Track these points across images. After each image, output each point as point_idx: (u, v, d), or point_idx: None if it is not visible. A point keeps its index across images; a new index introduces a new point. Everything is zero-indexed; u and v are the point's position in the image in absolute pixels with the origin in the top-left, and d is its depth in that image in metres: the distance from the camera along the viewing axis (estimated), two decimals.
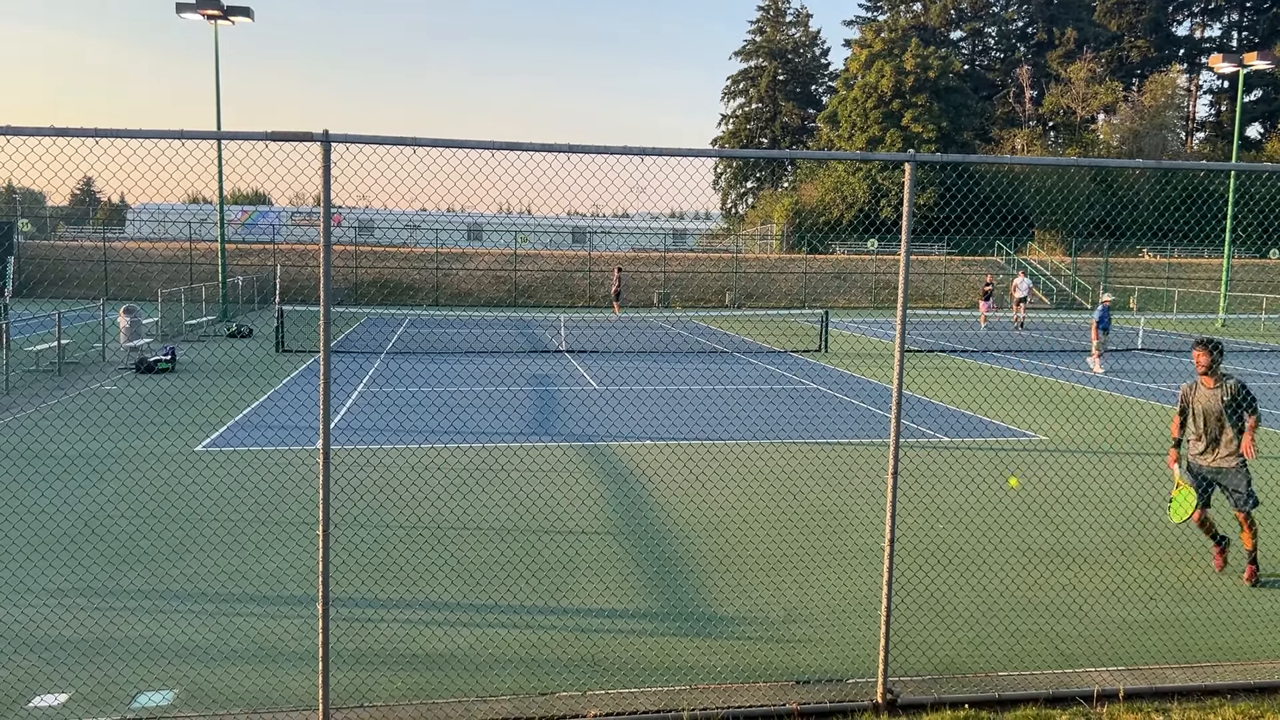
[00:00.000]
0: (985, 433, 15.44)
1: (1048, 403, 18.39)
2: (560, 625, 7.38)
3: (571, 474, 11.93)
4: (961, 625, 7.50)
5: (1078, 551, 9.38)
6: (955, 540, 9.59)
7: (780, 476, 12.02)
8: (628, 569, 8.62)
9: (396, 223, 69.87)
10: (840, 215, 69.41)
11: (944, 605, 7.88)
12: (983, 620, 7.60)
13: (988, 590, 8.21)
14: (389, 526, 9.75)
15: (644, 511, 10.53)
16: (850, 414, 16.75)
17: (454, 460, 12.67)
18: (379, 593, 7.93)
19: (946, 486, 11.65)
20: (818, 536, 9.61)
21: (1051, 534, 9.88)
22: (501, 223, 79.59)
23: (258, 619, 7.32)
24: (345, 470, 11.92)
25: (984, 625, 7.50)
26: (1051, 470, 12.57)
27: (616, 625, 7.40)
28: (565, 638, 7.15)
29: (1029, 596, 8.13)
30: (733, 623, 7.47)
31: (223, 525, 9.70)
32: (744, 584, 8.28)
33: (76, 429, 13.63)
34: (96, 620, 7.24)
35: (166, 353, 21.55)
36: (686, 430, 14.98)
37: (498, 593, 7.99)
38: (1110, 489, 11.76)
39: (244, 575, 8.28)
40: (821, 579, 8.38)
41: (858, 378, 21.96)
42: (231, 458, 12.67)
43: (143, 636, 6.96)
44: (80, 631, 7.05)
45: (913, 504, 10.81)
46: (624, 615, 7.59)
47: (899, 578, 8.27)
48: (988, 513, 10.53)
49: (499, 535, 9.55)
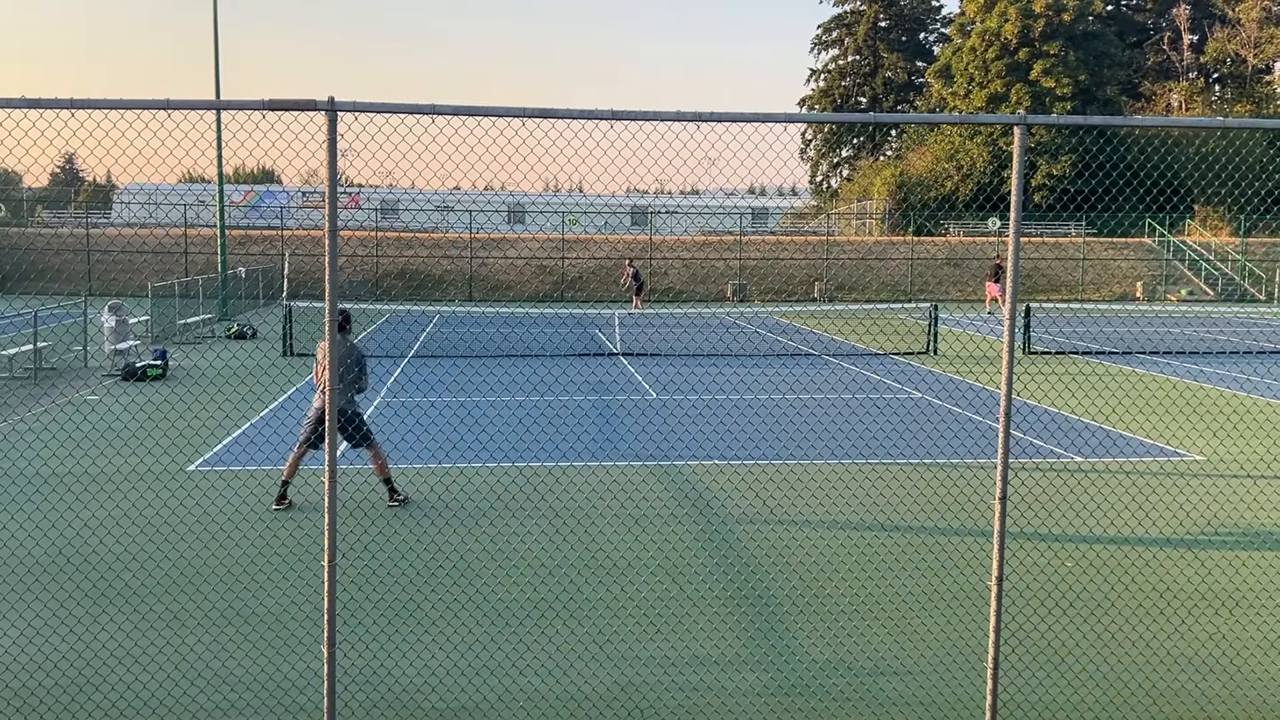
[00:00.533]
0: (1128, 452, 15.24)
1: (1207, 416, 18.08)
2: (604, 676, 7.50)
3: (622, 500, 12.06)
4: (1086, 682, 7.47)
5: (1230, 595, 9.25)
6: (1081, 581, 9.52)
7: (872, 503, 12.01)
8: (686, 610, 8.72)
9: (428, 204, 70.84)
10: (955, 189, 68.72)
11: (1065, 658, 7.84)
12: (1112, 676, 7.56)
13: (1119, 641, 8.15)
14: (407, 559, 9.97)
15: (707, 544, 10.61)
16: (961, 429, 16.65)
17: (484, 483, 12.89)
18: (394, 636, 8.13)
19: (1073, 516, 11.55)
20: (915, 575, 9.61)
21: (1198, 574, 9.75)
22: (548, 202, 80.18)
23: (255, 665, 7.56)
24: (358, 493, 12.20)
25: (1114, 682, 7.46)
26: (1205, 498, 12.38)
27: (672, 677, 7.50)
28: (610, 690, 7.28)
29: (1169, 648, 8.05)
30: (812, 676, 7.52)
31: (217, 557, 10.00)
32: (826, 630, 8.32)
33: (53, 445, 14.12)
34: (72, 663, 7.54)
35: (157, 357, 22.17)
36: (761, 449, 15.02)
37: (531, 637, 8.14)
38: (1277, 521, 11.55)
39: (241, 616, 8.55)
40: (918, 625, 8.39)
41: (972, 385, 21.79)
42: (229, 479, 13.04)
43: (124, 683, 7.23)
44: (55, 677, 7.34)
45: (1032, 537, 10.75)
46: (681, 665, 7.69)
47: (1010, 624, 8.25)
48: (1121, 549, 10.42)
49: (535, 570, 9.71)
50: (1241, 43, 72.92)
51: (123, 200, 76.35)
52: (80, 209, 75.61)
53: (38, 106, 5.82)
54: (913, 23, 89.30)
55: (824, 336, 32.76)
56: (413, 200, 75.84)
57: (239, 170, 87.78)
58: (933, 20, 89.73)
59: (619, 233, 63.60)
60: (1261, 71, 74.95)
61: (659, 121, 6.30)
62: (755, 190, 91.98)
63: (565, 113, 6.15)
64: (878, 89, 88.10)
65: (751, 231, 66.78)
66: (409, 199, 76.69)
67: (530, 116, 6.16)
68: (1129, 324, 37.58)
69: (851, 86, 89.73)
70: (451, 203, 71.15)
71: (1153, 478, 13.55)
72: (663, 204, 77.94)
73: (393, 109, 6.01)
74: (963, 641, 8.08)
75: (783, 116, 6.50)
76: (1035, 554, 10.22)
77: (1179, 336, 33.16)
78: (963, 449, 15.08)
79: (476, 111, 6.06)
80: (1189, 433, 16.58)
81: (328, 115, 5.92)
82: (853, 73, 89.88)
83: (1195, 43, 77.11)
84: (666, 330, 33.65)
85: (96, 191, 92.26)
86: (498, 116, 6.16)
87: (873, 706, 7.08)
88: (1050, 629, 8.30)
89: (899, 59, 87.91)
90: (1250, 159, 63.78)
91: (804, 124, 73.67)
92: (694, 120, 6.27)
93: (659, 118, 6.24)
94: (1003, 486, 6.44)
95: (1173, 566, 9.96)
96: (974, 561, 10.00)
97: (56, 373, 22.34)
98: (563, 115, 6.18)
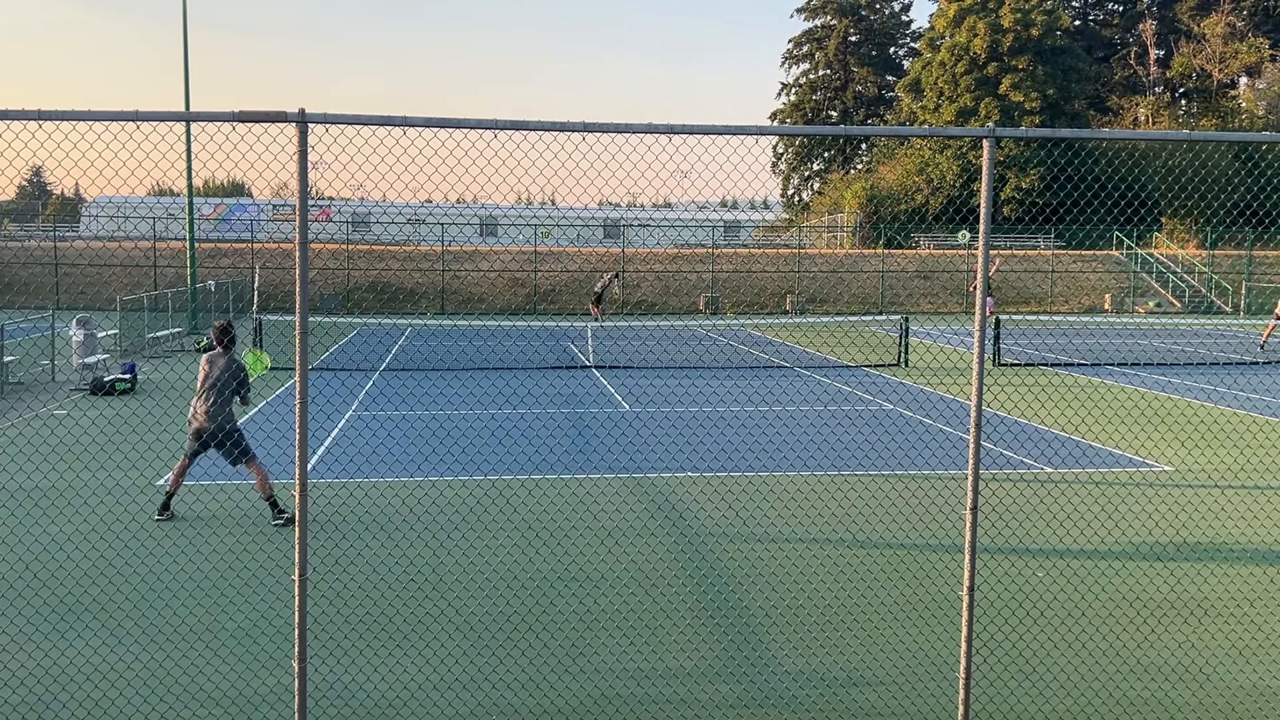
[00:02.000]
0: (1098, 462, 15.36)
1: (1175, 426, 18.24)
2: (578, 690, 7.48)
3: (596, 512, 12.05)
4: (1058, 691, 7.51)
5: (1199, 604, 9.33)
6: (1052, 590, 9.57)
7: (844, 515, 12.05)
8: (659, 624, 8.71)
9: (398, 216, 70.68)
10: (925, 202, 69.18)
11: (1036, 668, 7.88)
12: (1083, 685, 7.60)
13: (1090, 650, 8.20)
14: (378, 573, 9.92)
15: (680, 556, 10.61)
16: (933, 440, 16.73)
17: (456, 496, 12.85)
18: (366, 651, 8.09)
19: (1044, 527, 11.61)
20: (887, 586, 9.64)
21: (1167, 583, 9.83)
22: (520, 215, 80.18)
23: (226, 681, 7.50)
24: (328, 507, 12.13)
25: (1085, 691, 7.50)
26: (1174, 508, 12.48)
27: (646, 690, 7.49)
28: (584, 704, 7.26)
29: (1139, 657, 8.11)
30: (785, 688, 7.53)
31: (186, 572, 9.92)
32: (800, 641, 8.33)
33: (19, 459, 13.98)
34: (39, 680, 7.45)
35: (126, 371, 22.00)
36: (734, 460, 15.05)
37: (505, 651, 8.11)
38: (1244, 530, 11.67)
39: (211, 630, 8.48)
40: (890, 635, 8.42)
41: (944, 396, 21.91)
42: (198, 493, 12.94)
43: (92, 699, 7.15)
44: (21, 694, 7.26)
45: (1002, 547, 10.80)
46: (655, 678, 7.68)
47: (982, 634, 8.29)
48: (1091, 558, 10.49)
49: (508, 584, 9.68)
50: (1207, 58, 73.83)
51: (91, 213, 75.80)
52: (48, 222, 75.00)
53: (5, 118, 5.77)
54: (883, 37, 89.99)
55: (796, 349, 32.86)
56: (384, 213, 75.64)
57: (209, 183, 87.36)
58: (903, 35, 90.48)
59: (592, 245, 63.65)
60: (1226, 86, 75.94)
61: (631, 134, 6.32)
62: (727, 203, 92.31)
63: (538, 125, 6.16)
64: (848, 103, 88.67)
65: (724, 244, 66.98)
66: (380, 211, 76.50)
67: (502, 128, 6.16)
68: (1097, 335, 37.90)
69: (822, 100, 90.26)
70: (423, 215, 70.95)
71: (1122, 488, 13.65)
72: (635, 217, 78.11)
73: (364, 120, 6.00)
74: (935, 652, 8.11)
75: (754, 129, 6.53)
76: (1006, 564, 10.26)
77: (1147, 348, 33.46)
78: (934, 460, 15.15)
79: (449, 123, 6.06)
80: (1157, 443, 16.72)
81: (298, 127, 5.90)
82: (824, 87, 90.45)
83: (1161, 58, 78.02)
84: (640, 342, 33.68)
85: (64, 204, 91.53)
86: (470, 128, 6.16)
87: (846, 718, 7.09)
88: (1022, 638, 8.34)
89: (869, 73, 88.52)
90: (1216, 172, 64.51)
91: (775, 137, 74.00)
92: (666, 133, 6.29)
93: (631, 130, 6.25)
94: (973, 497, 6.47)
95: (1142, 576, 10.04)
96: (945, 572, 10.04)
97: (24, 387, 22.12)
98: (535, 127, 6.19)
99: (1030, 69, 69.47)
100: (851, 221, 69.48)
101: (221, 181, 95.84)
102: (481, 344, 32.98)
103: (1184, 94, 78.65)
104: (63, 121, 5.83)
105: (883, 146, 77.86)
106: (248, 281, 44.50)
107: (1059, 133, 6.64)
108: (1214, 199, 63.59)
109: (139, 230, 59.00)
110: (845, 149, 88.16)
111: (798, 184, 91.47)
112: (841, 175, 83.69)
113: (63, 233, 63.10)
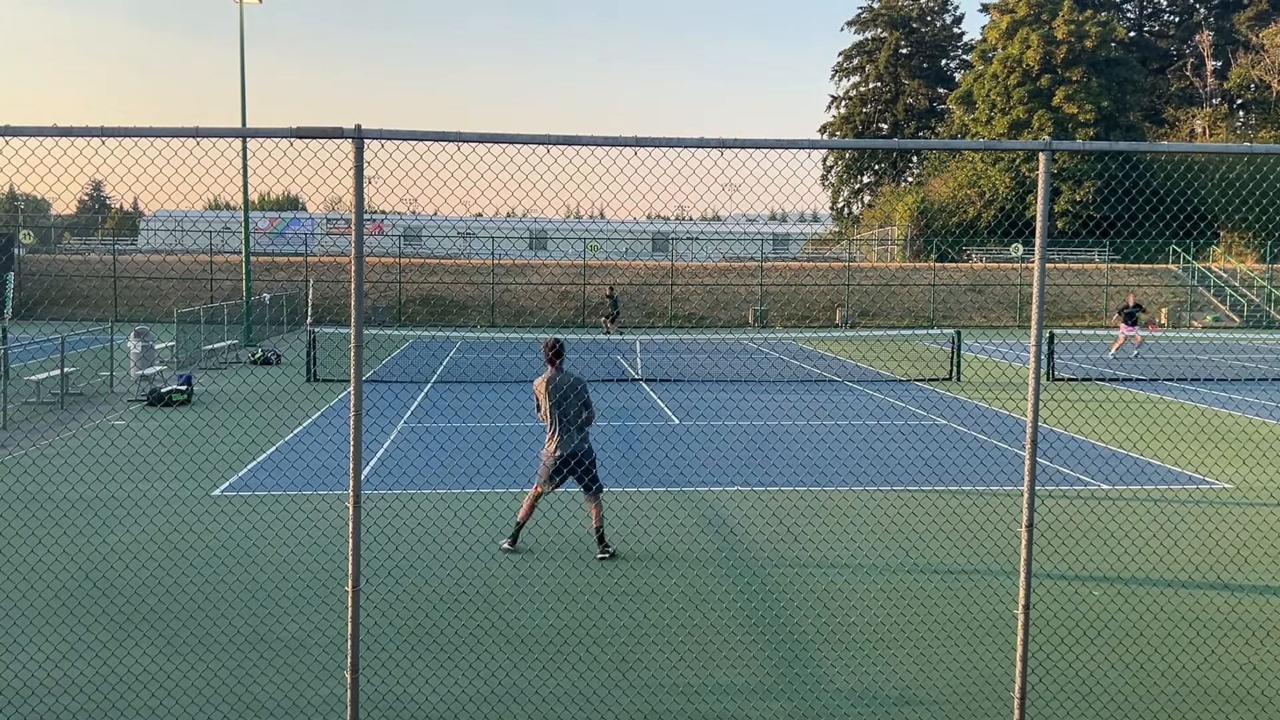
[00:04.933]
0: (1155, 479, 15.12)
1: (1235, 443, 17.92)
2: (627, 704, 7.46)
3: (645, 526, 12.04)
4: (1115, 713, 7.38)
5: (1260, 625, 9.15)
6: (1109, 609, 9.43)
7: (896, 531, 11.95)
8: (709, 639, 8.68)
9: (451, 230, 71.24)
10: (977, 215, 68.62)
11: (1093, 688, 7.76)
12: (1140, 707, 7.47)
13: (1148, 671, 8.06)
14: (430, 585, 9.97)
15: (730, 571, 10.57)
16: (985, 456, 16.56)
17: (507, 508, 12.89)
18: (417, 662, 8.12)
19: (1100, 545, 11.45)
20: (940, 603, 9.54)
21: (1228, 604, 9.65)
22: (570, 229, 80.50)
23: (279, 690, 7.56)
24: (381, 518, 12.22)
25: (1143, 714, 7.37)
26: (1235, 526, 12.27)
27: (696, 706, 7.46)
28: (633, 719, 7.24)
29: (1199, 679, 7.96)
30: (837, 705, 7.46)
31: (241, 582, 10.03)
32: (850, 659, 8.26)
33: (79, 470, 14.21)
34: (98, 687, 7.56)
35: (182, 382, 22.33)
36: (784, 475, 14.97)
37: (554, 664, 8.12)
38: None
39: (265, 640, 8.56)
40: (944, 654, 8.33)
41: (996, 411, 21.68)
42: (254, 503, 13.08)
43: (149, 707, 7.24)
44: (80, 701, 7.37)
45: (1058, 565, 10.66)
46: (705, 693, 7.65)
47: (1037, 654, 8.17)
48: (1148, 577, 10.32)
49: (558, 597, 9.69)
50: (1266, 68, 72.67)
51: (150, 227, 77.05)
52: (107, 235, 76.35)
53: (69, 135, 5.89)
54: (934, 49, 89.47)
55: (846, 362, 32.68)
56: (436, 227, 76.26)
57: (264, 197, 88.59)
58: (954, 47, 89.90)
59: (641, 259, 63.74)
60: None
61: (681, 148, 6.33)
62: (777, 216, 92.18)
63: (589, 140, 6.18)
64: (899, 115, 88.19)
65: (773, 257, 66.80)
66: (432, 225, 77.13)
67: (555, 144, 6.19)
68: (1154, 350, 37.35)
69: (873, 113, 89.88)
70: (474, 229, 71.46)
71: (1180, 506, 13.43)
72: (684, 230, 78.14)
73: (419, 136, 6.05)
74: (989, 671, 8.01)
75: (805, 143, 6.51)
76: (1062, 582, 10.13)
77: (1205, 363, 32.92)
78: (988, 476, 14.98)
79: (502, 139, 6.10)
80: (1216, 460, 16.44)
81: (354, 143, 5.97)
82: (874, 99, 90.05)
83: (1219, 69, 76.93)
84: (689, 356, 33.64)
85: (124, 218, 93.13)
86: (523, 144, 6.20)
87: None
88: (1078, 659, 8.22)
89: (920, 85, 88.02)
90: (1277, 184, 63.36)
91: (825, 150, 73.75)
92: (718, 147, 6.29)
93: (683, 144, 6.26)
94: (1029, 514, 6.40)
95: (1201, 595, 9.86)
96: (1000, 590, 9.92)
97: (83, 398, 22.51)
98: (587, 142, 6.22)
99: (1085, 81, 68.80)
100: (902, 234, 69.09)
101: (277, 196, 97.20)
102: (531, 357, 33.09)
103: (1242, 105, 77.45)
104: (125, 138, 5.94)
105: (933, 159, 77.42)
106: (302, 294, 45.03)
107: (1116, 145, 6.56)
108: (1274, 211, 62.47)
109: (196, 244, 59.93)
110: (896, 162, 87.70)
111: (848, 196, 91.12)
112: (892, 188, 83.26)
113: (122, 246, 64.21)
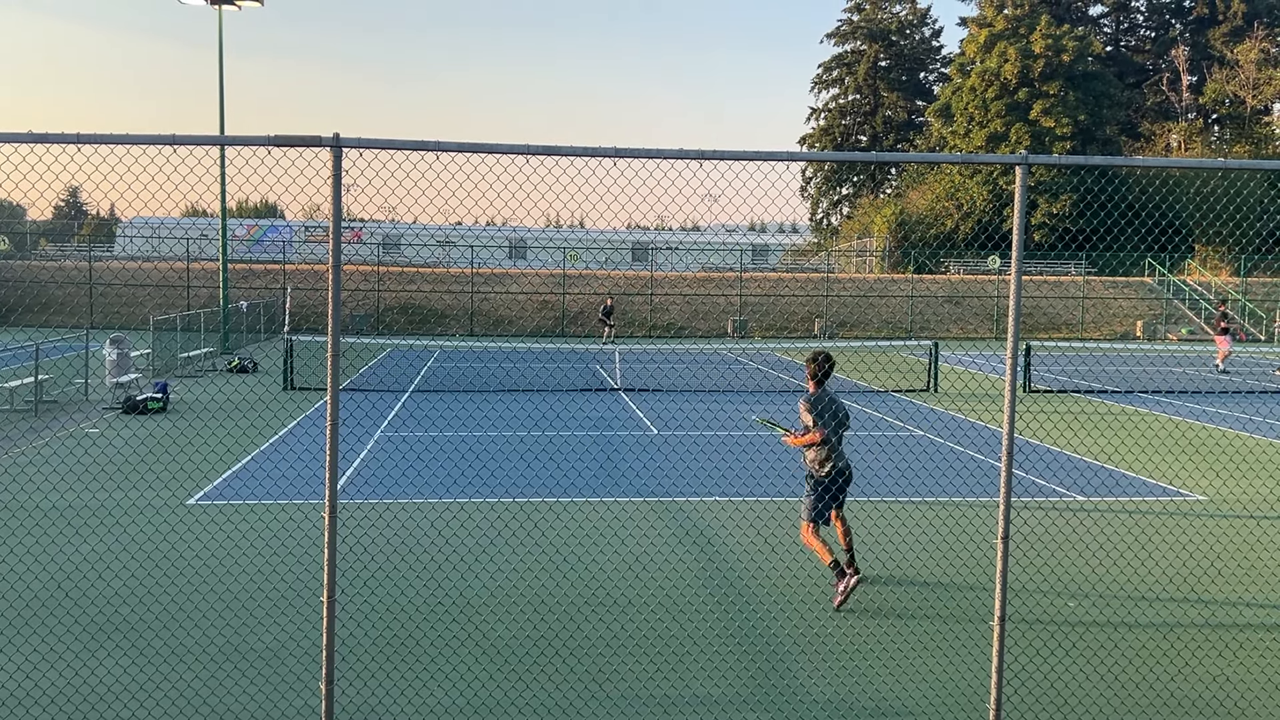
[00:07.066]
0: (1130, 491, 15.21)
1: (1209, 455, 18.05)
2: (604, 716, 7.44)
3: (622, 536, 12.02)
4: None
5: (1234, 636, 9.20)
6: (1084, 621, 9.47)
7: (873, 542, 11.97)
8: (686, 649, 8.67)
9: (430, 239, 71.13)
10: (955, 227, 68.97)
11: (1068, 699, 7.79)
12: (1115, 718, 7.50)
13: (1122, 682, 8.09)
14: (406, 595, 9.93)
15: (708, 581, 10.56)
16: (962, 466, 16.62)
17: (484, 518, 12.85)
18: (393, 673, 8.08)
19: (1076, 556, 11.51)
20: (916, 614, 9.56)
21: (1201, 615, 9.71)
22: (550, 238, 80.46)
23: (253, 701, 7.51)
24: (357, 528, 12.16)
25: None
26: (1209, 538, 12.35)
27: (673, 718, 7.44)
28: None
29: (1173, 690, 7.99)
30: (815, 716, 7.46)
31: (216, 592, 9.96)
32: (827, 670, 8.27)
33: (53, 478, 14.10)
34: (69, 698, 7.48)
35: (158, 390, 22.18)
36: (762, 485, 14.99)
37: (531, 675, 8.09)
38: (1279, 561, 11.52)
39: (239, 651, 8.50)
40: (920, 665, 8.34)
41: (974, 423, 21.76)
42: (229, 513, 13.01)
43: (120, 718, 7.17)
44: (51, 713, 7.29)
45: (1034, 576, 10.70)
46: (682, 705, 7.64)
47: (1012, 664, 8.20)
48: (1124, 588, 10.38)
49: (534, 607, 9.66)
50: (1240, 84, 73.36)
51: (126, 234, 76.62)
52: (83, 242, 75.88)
53: (44, 141, 5.86)
54: (913, 62, 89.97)
55: None
56: (415, 235, 76.12)
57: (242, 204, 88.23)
58: (933, 60, 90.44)
59: (620, 268, 63.78)
60: (1260, 112, 75.34)
61: (661, 159, 6.34)
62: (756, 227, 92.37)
63: (569, 150, 6.19)
64: (878, 127, 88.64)
65: (752, 268, 66.93)
66: (411, 234, 76.98)
67: (535, 154, 6.19)
68: (1129, 363, 37.60)
69: (851, 125, 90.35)
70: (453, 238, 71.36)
71: (1155, 517, 13.51)
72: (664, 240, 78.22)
73: (398, 145, 6.04)
74: (965, 682, 8.02)
75: (784, 155, 6.54)
76: (1038, 593, 10.17)
77: (1180, 376, 33.16)
78: (964, 487, 15.04)
79: (482, 148, 6.10)
80: (1191, 472, 16.55)
81: (333, 151, 5.96)
82: (853, 111, 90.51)
83: (1194, 84, 77.60)
84: (667, 366, 33.66)
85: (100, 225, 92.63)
86: (502, 154, 6.19)
87: None
88: (1053, 669, 8.25)
89: (899, 98, 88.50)
90: (1251, 199, 64.03)
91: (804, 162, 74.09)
92: (697, 158, 6.30)
93: (662, 155, 6.27)
94: (1005, 525, 6.42)
95: (1176, 607, 9.92)
96: (976, 601, 9.95)
97: (58, 405, 22.34)
98: (566, 153, 6.22)
99: (1062, 94, 69.33)
100: (881, 246, 69.37)
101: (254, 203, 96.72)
102: (510, 366, 33.06)
103: (1217, 120, 78.15)
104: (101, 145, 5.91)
105: (912, 171, 77.82)
106: (280, 302, 44.84)
107: (1092, 160, 6.61)
108: (1248, 226, 63.11)
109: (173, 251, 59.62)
110: (874, 174, 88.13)
111: (826, 208, 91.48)
112: (871, 200, 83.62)
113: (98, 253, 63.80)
